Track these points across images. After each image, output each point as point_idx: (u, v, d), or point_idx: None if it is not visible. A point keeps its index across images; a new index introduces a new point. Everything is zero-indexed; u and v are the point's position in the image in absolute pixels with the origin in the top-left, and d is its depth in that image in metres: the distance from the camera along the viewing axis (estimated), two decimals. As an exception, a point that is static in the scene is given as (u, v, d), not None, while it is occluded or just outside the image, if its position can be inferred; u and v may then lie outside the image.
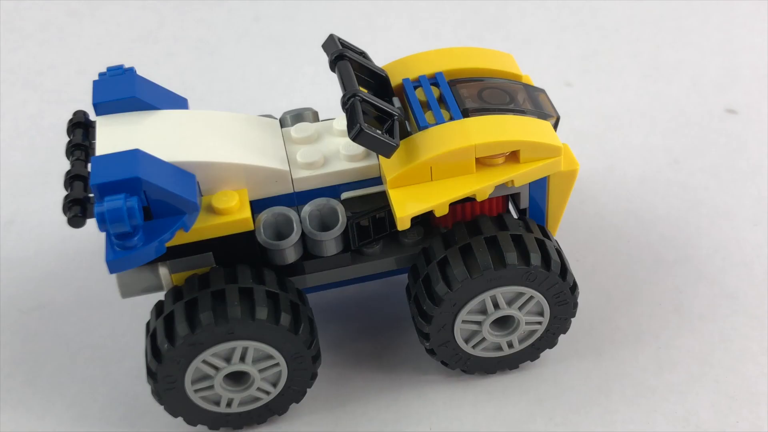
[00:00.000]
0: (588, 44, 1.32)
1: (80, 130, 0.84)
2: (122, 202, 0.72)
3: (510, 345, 0.86)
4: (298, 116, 0.91)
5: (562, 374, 0.88)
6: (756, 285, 0.95)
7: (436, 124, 0.82)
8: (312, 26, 1.40)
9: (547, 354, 0.89)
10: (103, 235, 0.88)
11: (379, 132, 0.78)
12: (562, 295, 0.83)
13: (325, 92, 1.25)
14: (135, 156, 0.76)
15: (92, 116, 0.85)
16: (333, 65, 0.85)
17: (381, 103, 0.80)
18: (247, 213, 0.79)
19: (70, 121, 0.85)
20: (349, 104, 0.79)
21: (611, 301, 0.94)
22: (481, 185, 0.80)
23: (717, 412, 0.84)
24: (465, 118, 0.82)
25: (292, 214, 0.81)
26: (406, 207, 0.79)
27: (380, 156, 0.82)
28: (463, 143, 0.79)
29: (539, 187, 0.85)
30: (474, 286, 0.80)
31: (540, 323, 0.85)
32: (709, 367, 0.88)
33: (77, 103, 1.18)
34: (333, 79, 1.27)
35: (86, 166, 0.80)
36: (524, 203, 0.86)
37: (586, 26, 1.36)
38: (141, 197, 0.74)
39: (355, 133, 0.77)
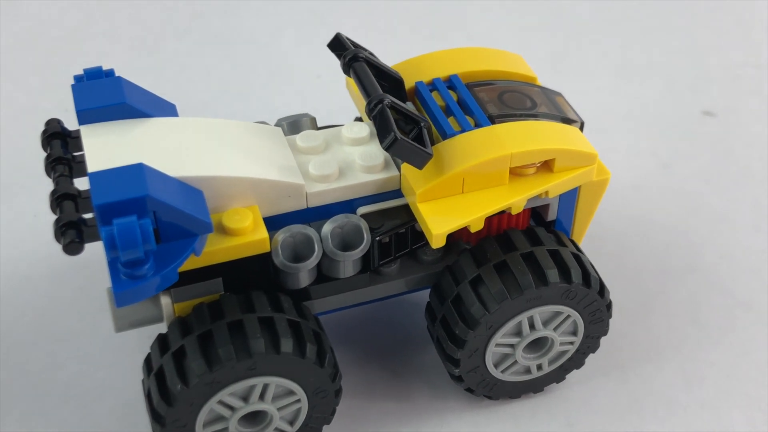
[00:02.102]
0: (554, 44, 1.27)
1: (57, 141, 0.74)
2: (136, 223, 0.63)
3: (539, 367, 0.80)
4: (294, 123, 0.83)
5: (588, 395, 0.83)
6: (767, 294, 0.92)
7: (463, 131, 0.76)
8: (259, 23, 1.31)
9: (570, 374, 0.83)
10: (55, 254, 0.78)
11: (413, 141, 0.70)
12: (598, 313, 0.78)
13: (286, 95, 1.17)
14: (141, 171, 0.66)
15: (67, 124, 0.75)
16: (347, 67, 0.77)
17: (407, 110, 0.73)
18: (263, 233, 0.71)
19: (45, 132, 0.75)
20: (377, 111, 0.71)
21: (625, 315, 0.89)
22: (517, 197, 0.74)
23: (754, 428, 0.80)
24: (494, 125, 0.76)
25: (312, 233, 0.73)
26: (440, 223, 0.72)
27: (403, 167, 0.74)
28: (498, 152, 0.73)
29: (569, 197, 0.79)
30: (512, 307, 0.74)
31: (572, 343, 0.79)
32: (737, 381, 0.84)
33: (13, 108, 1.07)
34: (294, 81, 1.20)
35: (72, 183, 0.70)
36: (552, 215, 0.80)
37: (550, 26, 1.31)
38: (151, 218, 0.65)
39: (389, 142, 0.69)
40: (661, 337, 0.88)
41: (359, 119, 0.92)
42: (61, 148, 0.73)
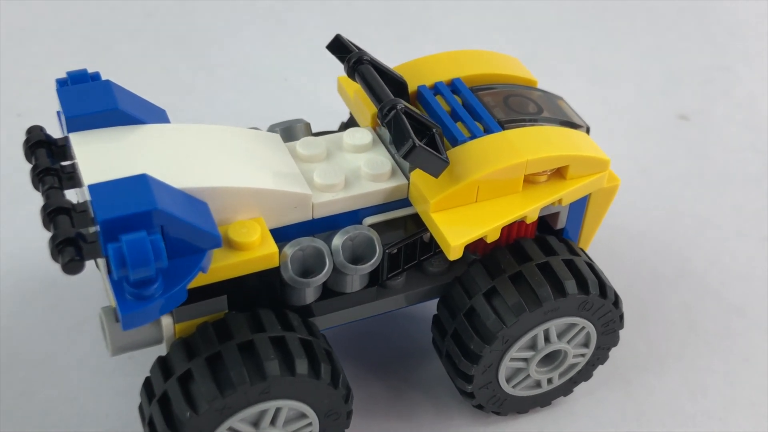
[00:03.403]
0: (522, 47, 1.25)
1: (43, 150, 0.68)
2: (146, 239, 0.58)
3: (549, 381, 0.77)
4: (288, 129, 0.79)
5: (595, 408, 0.81)
6: (761, 298, 0.91)
7: (473, 137, 0.72)
8: (216, 23, 1.26)
9: (576, 387, 0.81)
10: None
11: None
12: (611, 324, 0.76)
13: (251, 98, 1.12)
14: (146, 183, 0.61)
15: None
16: (352, 71, 0.73)
17: (421, 115, 0.69)
18: (273, 247, 0.66)
19: (27, 141, 0.69)
20: (390, 116, 0.68)
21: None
22: (532, 206, 0.71)
23: (761, 438, 0.79)
24: (505, 131, 0.73)
25: (322, 245, 0.69)
26: (458, 234, 0.68)
27: (413, 175, 0.71)
28: (514, 159, 0.70)
29: (578, 204, 0.77)
30: (529, 320, 0.71)
31: (584, 355, 0.77)
32: (740, 389, 0.83)
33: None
34: (259, 83, 1.15)
35: (64, 196, 0.65)
36: (561, 223, 0.78)
37: (517, 28, 1.29)
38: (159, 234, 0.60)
39: (406, 149, 0.66)
40: (661, 346, 0.86)
41: (346, 124, 0.88)
42: (47, 157, 0.67)
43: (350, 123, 0.88)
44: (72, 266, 0.60)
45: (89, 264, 0.87)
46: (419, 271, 0.76)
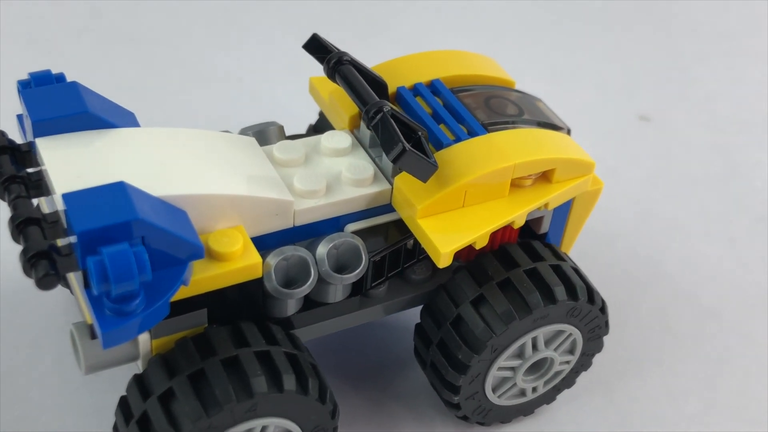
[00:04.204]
0: (479, 48, 1.23)
1: (6, 156, 0.64)
2: (130, 251, 0.54)
3: (534, 390, 0.76)
4: (261, 133, 0.75)
5: (578, 415, 0.79)
6: (733, 301, 0.91)
7: (457, 140, 0.70)
8: (164, 22, 1.21)
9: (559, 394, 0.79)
10: None
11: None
12: (597, 329, 0.74)
13: (205, 99, 1.09)
14: (124, 191, 0.57)
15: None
16: (332, 71, 0.70)
17: (407, 118, 0.67)
18: (256, 257, 0.63)
19: (-12, 146, 0.64)
20: (377, 119, 0.65)
21: (599, 328, 0.86)
22: (519, 210, 0.69)
23: (744, 441, 0.79)
24: (490, 134, 0.71)
25: (307, 254, 0.66)
26: (447, 241, 0.66)
27: (398, 180, 0.68)
28: (502, 162, 0.68)
29: (562, 208, 0.75)
30: (519, 328, 0.69)
31: (569, 362, 0.75)
32: (720, 393, 0.82)
33: None
34: (212, 84, 1.11)
35: (33, 205, 0.60)
36: (545, 227, 0.76)
37: (472, 29, 1.28)
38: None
39: (396, 154, 0.63)
40: (639, 351, 0.85)
41: (314, 126, 0.85)
42: (11, 164, 0.63)
43: (319, 125, 0.85)
44: (46, 281, 0.56)
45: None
46: (401, 279, 0.74)
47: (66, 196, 0.57)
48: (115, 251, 0.54)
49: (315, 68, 1.15)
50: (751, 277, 0.93)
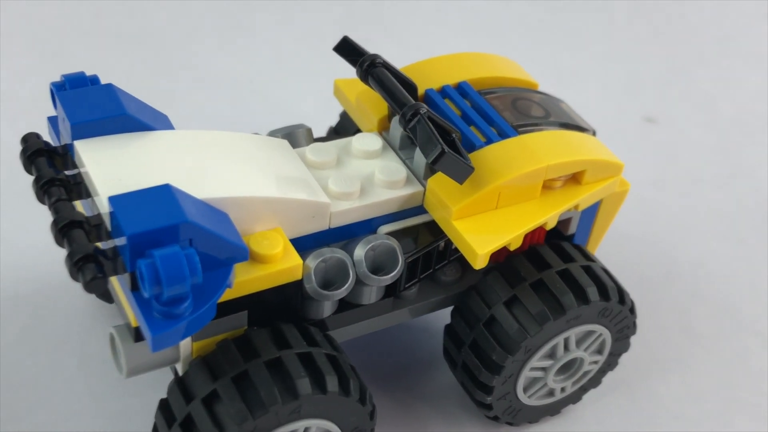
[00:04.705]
0: (482, 49, 1.24)
1: (43, 159, 0.63)
2: (181, 253, 0.54)
3: (563, 390, 0.76)
4: (289, 135, 0.75)
5: (603, 415, 0.80)
6: (748, 300, 0.92)
7: (489, 142, 0.71)
8: (170, 23, 1.21)
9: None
10: None
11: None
12: (625, 330, 0.75)
13: (216, 101, 1.08)
14: (170, 194, 0.57)
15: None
16: (366, 74, 0.70)
17: (442, 120, 0.67)
18: (297, 259, 0.63)
19: (25, 151, 0.64)
20: (415, 122, 0.65)
21: (618, 328, 0.87)
22: (552, 212, 0.70)
23: (764, 438, 0.80)
24: (521, 136, 0.71)
25: (345, 256, 0.66)
26: (483, 242, 0.66)
27: (431, 181, 0.69)
28: (535, 164, 0.68)
29: (590, 209, 0.76)
30: (552, 329, 0.70)
31: (597, 362, 0.76)
32: (740, 391, 0.83)
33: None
34: (222, 86, 1.11)
35: (75, 208, 0.60)
36: (573, 228, 0.77)
37: (475, 30, 1.28)
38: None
39: (435, 156, 0.63)
40: (658, 350, 0.86)
41: (335, 129, 0.85)
42: (49, 167, 0.63)
43: (339, 127, 0.85)
44: (94, 284, 0.55)
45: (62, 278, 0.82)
46: (431, 280, 0.74)
47: (113, 199, 0.57)
48: (167, 254, 0.54)
49: (321, 69, 1.15)
50: (765, 276, 0.95)
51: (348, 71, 0.95)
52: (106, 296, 0.81)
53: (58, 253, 0.84)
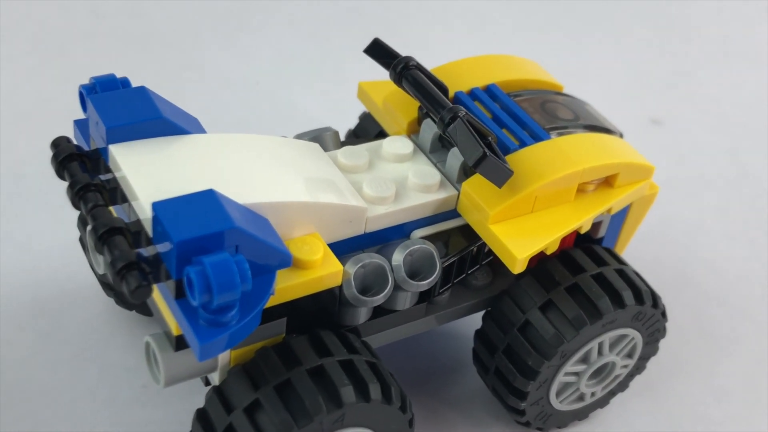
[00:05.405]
0: (487, 50, 1.24)
1: (76, 164, 0.62)
2: (231, 260, 0.53)
3: (593, 394, 0.76)
4: (317, 138, 0.74)
5: (629, 418, 0.80)
6: (763, 301, 0.92)
7: (522, 145, 0.70)
8: (171, 24, 1.19)
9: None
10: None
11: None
12: (656, 333, 0.75)
13: (223, 102, 1.07)
14: (215, 200, 0.56)
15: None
16: (399, 77, 0.69)
17: (480, 123, 0.66)
18: (337, 265, 0.62)
19: (57, 156, 0.62)
20: (454, 125, 0.65)
21: (637, 331, 0.87)
22: (586, 215, 0.69)
23: (788, 439, 0.80)
24: (555, 139, 0.71)
25: (383, 261, 0.65)
26: (522, 246, 0.66)
27: (466, 185, 0.68)
28: (571, 168, 0.68)
29: (619, 213, 0.76)
30: (588, 333, 0.69)
31: (626, 366, 0.76)
32: (762, 392, 0.84)
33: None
34: (229, 87, 1.09)
35: (112, 214, 0.59)
36: (602, 232, 0.76)
37: (479, 31, 1.28)
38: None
39: (476, 159, 0.63)
40: (678, 353, 0.86)
41: (354, 131, 0.84)
42: (83, 172, 0.61)
43: (359, 130, 0.84)
44: (140, 293, 0.54)
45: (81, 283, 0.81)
46: (462, 285, 0.73)
47: (157, 205, 0.55)
48: (218, 261, 0.53)
49: (328, 71, 1.14)
50: (777, 277, 0.95)
51: (352, 71, 0.95)
52: (125, 303, 0.79)
53: (77, 257, 0.83)
